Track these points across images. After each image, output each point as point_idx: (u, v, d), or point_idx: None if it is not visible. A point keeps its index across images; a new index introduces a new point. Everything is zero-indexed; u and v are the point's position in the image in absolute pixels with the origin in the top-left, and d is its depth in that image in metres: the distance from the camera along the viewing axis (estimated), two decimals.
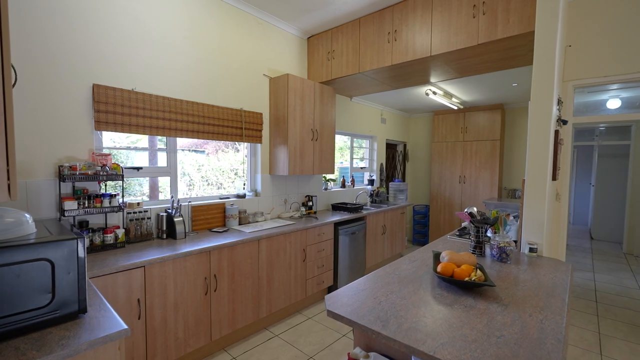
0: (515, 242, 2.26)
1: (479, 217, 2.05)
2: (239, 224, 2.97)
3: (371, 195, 4.81)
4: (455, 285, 1.52)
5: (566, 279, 1.65)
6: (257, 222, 3.11)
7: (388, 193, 5.27)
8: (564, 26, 2.30)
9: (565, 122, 2.39)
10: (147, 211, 2.38)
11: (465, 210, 2.24)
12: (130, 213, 2.30)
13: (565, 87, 2.56)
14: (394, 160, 6.18)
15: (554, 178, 2.24)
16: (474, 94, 4.39)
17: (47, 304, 1.10)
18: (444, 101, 4.35)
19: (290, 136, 3.18)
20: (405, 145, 6.27)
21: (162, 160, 2.71)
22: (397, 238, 4.71)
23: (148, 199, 2.66)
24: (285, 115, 3.17)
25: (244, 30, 3.05)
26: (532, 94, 2.11)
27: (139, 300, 1.87)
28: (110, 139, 2.47)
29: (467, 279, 1.46)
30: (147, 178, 2.66)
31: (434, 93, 3.96)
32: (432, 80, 3.57)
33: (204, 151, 3.18)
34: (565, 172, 2.62)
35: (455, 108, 4.97)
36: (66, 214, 1.92)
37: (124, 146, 2.58)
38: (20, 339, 1.03)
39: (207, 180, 3.12)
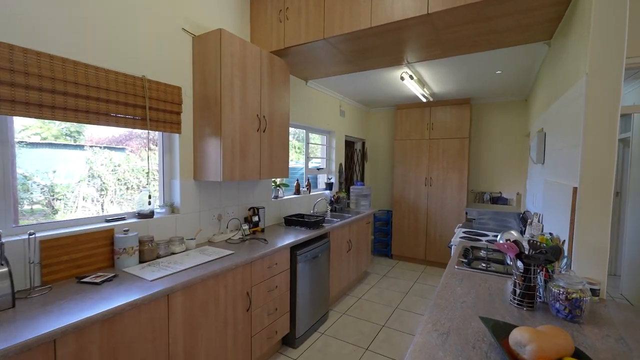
0: None
1: (531, 250, 1.31)
2: (141, 262, 1.84)
3: (331, 203, 3.97)
4: None
5: None
6: (172, 254, 2.01)
7: (349, 198, 4.49)
8: None
9: None
10: None
11: (499, 237, 1.49)
12: None
13: None
14: (352, 161, 5.45)
15: None
16: (448, 83, 3.81)
17: None
18: (417, 90, 3.70)
19: (226, 124, 2.15)
20: (364, 143, 5.58)
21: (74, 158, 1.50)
22: (363, 253, 3.94)
23: None
24: (217, 92, 2.13)
25: None
26: (590, 73, 1.45)
27: None
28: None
29: None
30: None
31: (411, 77, 3.25)
32: (409, 59, 2.84)
33: (124, 149, 2.15)
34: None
35: (424, 100, 4.38)
36: None
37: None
38: None
39: (125, 184, 2.16)
